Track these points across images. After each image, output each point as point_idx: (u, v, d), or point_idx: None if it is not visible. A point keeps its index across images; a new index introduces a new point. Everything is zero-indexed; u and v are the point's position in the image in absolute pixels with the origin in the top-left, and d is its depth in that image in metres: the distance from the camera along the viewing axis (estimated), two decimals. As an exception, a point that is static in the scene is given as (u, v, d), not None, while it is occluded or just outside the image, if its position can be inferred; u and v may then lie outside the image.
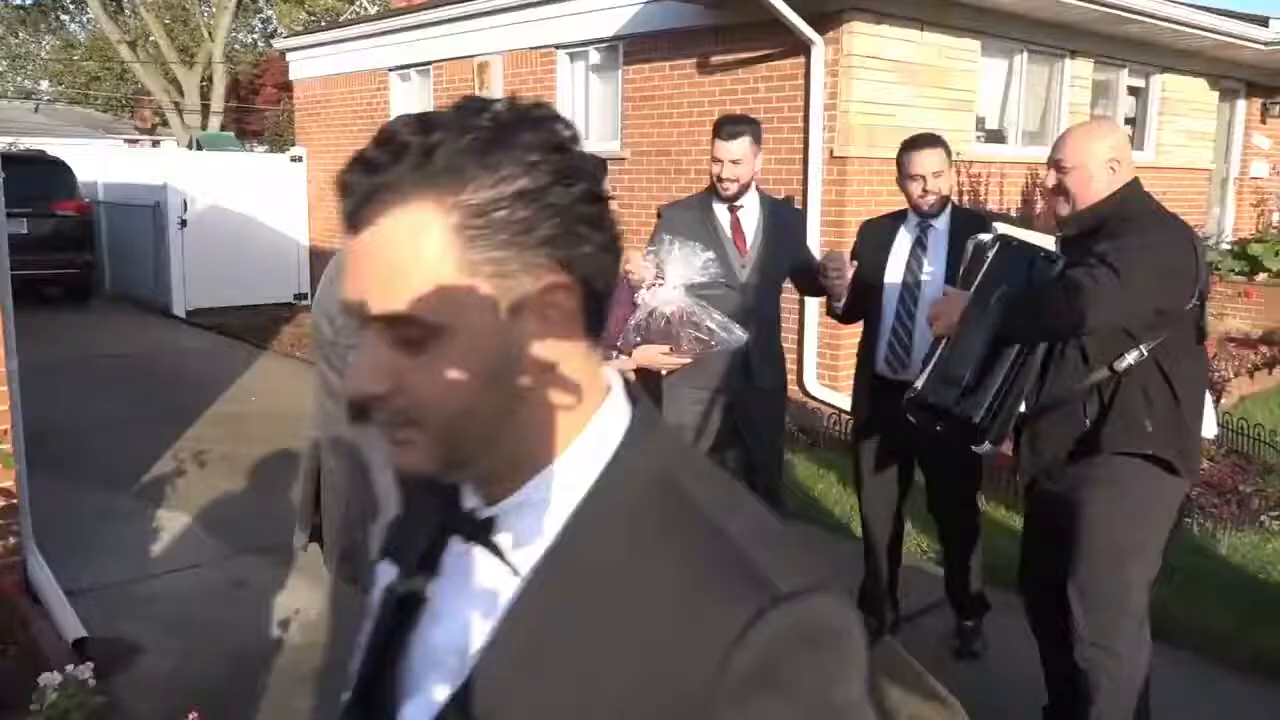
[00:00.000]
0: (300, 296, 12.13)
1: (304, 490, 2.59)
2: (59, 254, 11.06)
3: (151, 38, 28.19)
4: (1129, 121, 10.51)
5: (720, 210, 3.68)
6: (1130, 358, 2.67)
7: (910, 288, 3.56)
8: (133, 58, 28.13)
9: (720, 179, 3.60)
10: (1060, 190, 2.80)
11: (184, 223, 11.41)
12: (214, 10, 28.56)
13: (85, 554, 4.39)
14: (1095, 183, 2.75)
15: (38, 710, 2.30)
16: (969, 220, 3.58)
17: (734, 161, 3.56)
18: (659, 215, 3.73)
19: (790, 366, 7.77)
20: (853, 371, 3.92)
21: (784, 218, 3.89)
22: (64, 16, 34.71)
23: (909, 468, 3.75)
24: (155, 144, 23.71)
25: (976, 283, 2.85)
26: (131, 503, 5.19)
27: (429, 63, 11.25)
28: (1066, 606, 2.76)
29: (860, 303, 3.65)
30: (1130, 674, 2.75)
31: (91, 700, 2.35)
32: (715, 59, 7.92)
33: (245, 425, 6.79)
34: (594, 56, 9.24)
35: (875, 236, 3.71)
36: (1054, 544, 2.83)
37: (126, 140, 22.93)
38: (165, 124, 30.08)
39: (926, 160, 3.50)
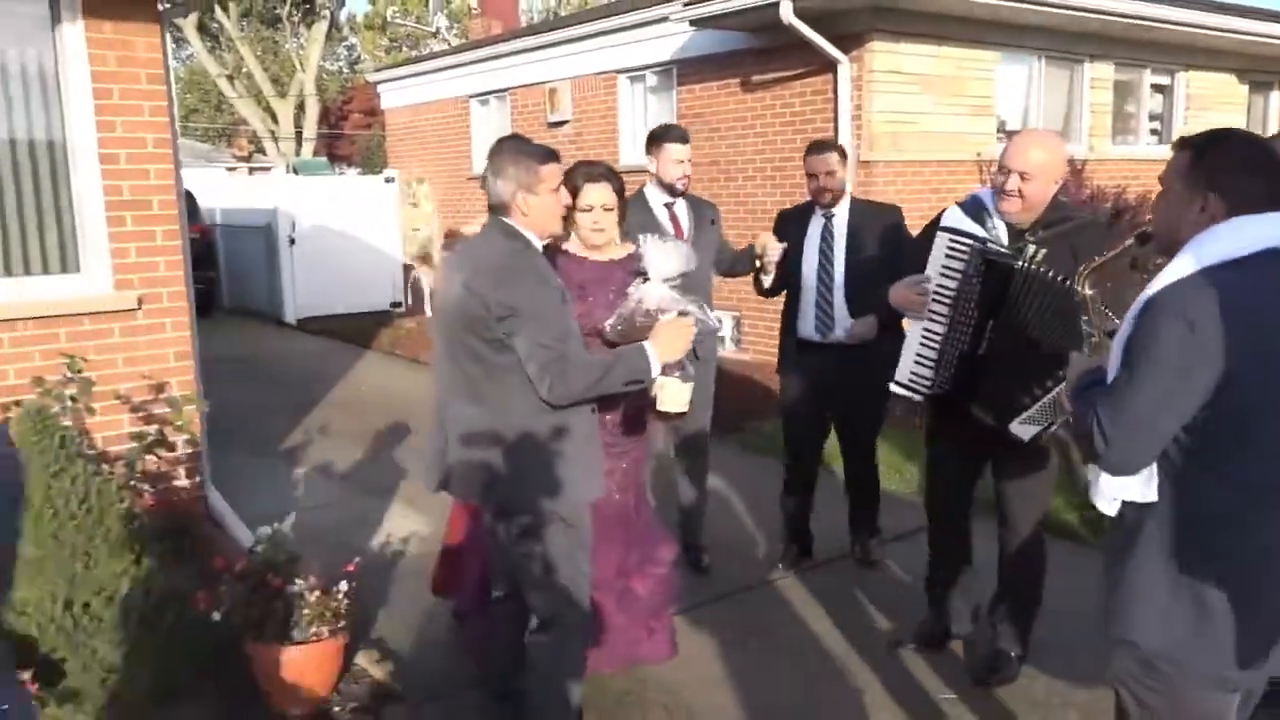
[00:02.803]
0: (395, 305, 13.41)
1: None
2: (188, 272, 12.45)
3: (245, 69, 30.06)
4: (1154, 118, 11.17)
5: (658, 208, 4.38)
6: None
7: (826, 269, 4.35)
8: (232, 91, 30.11)
9: (682, 178, 4.31)
10: (1019, 194, 3.19)
11: (293, 241, 12.73)
12: (304, 42, 30.43)
13: (244, 498, 5.53)
14: (1049, 191, 3.22)
15: (257, 551, 3.40)
16: (865, 210, 4.42)
17: (689, 161, 4.35)
18: None
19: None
20: None
21: (707, 213, 4.54)
22: (166, 55, 37.04)
23: (828, 415, 4.57)
24: (250, 172, 25.50)
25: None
26: (276, 463, 6.40)
27: (505, 89, 12.46)
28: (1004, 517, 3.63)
29: (782, 280, 4.41)
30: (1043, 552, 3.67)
31: (288, 550, 3.45)
32: (756, 78, 8.91)
33: (358, 408, 8.00)
34: (651, 79, 10.30)
35: (792, 225, 4.44)
36: (991, 477, 3.63)
37: (226, 169, 24.60)
38: (260, 152, 32.08)
39: (815, 162, 4.30)
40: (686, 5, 8.63)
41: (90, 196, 4.71)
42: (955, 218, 3.37)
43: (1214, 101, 11.47)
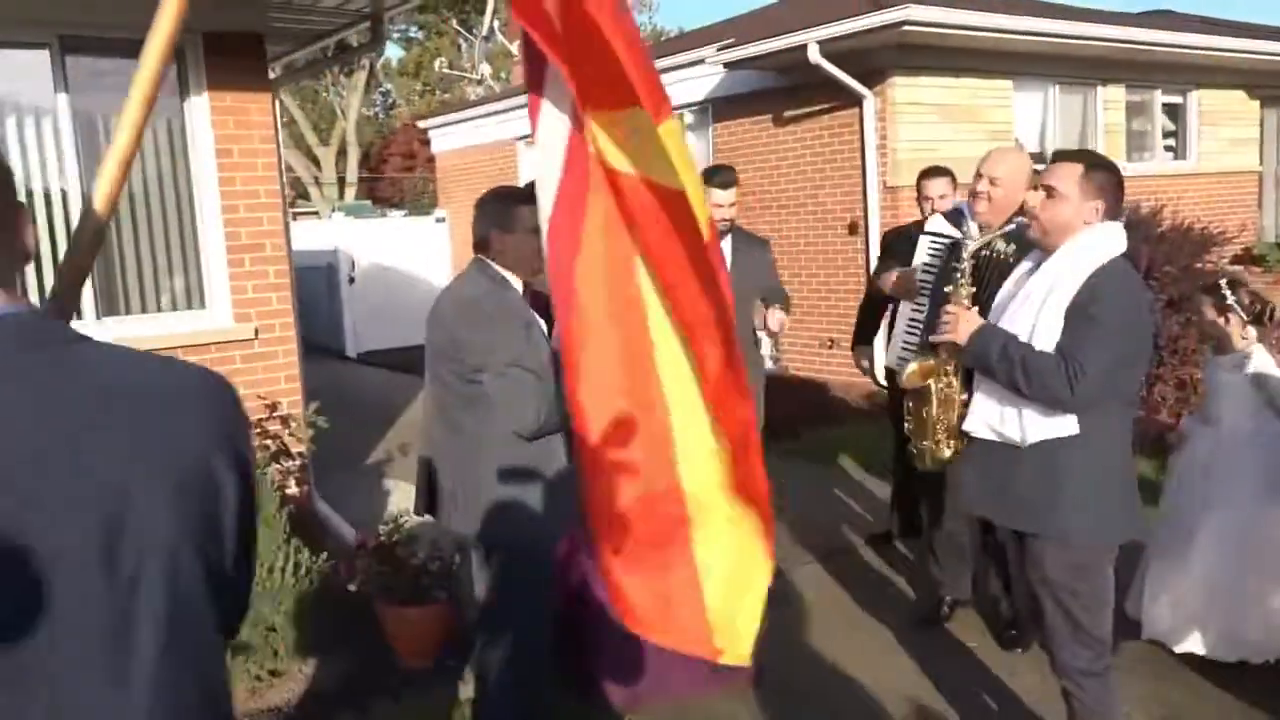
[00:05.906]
0: (449, 337, 14.14)
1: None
2: (255, 311, 13.27)
3: (285, 119, 31.24)
4: (1169, 134, 11.71)
5: None
6: None
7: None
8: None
9: (720, 220, 4.32)
10: (988, 197, 3.65)
11: (352, 280, 13.55)
12: (343, 91, 31.65)
13: (343, 504, 6.22)
14: (1016, 197, 3.56)
15: (383, 533, 4.06)
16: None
17: (731, 204, 4.42)
18: None
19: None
20: None
21: (752, 249, 4.62)
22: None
23: None
24: (295, 217, 26.49)
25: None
26: (365, 476, 7.09)
27: (549, 131, 13.20)
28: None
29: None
30: None
31: (411, 530, 4.11)
32: (787, 114, 9.59)
33: (428, 429, 8.69)
34: (689, 117, 11.00)
35: (901, 245, 4.60)
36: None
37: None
38: (303, 198, 33.25)
39: (929, 186, 4.76)
40: (720, 49, 9.33)
41: (214, 242, 5.44)
42: (936, 223, 4.04)
43: (1226, 117, 11.98)
